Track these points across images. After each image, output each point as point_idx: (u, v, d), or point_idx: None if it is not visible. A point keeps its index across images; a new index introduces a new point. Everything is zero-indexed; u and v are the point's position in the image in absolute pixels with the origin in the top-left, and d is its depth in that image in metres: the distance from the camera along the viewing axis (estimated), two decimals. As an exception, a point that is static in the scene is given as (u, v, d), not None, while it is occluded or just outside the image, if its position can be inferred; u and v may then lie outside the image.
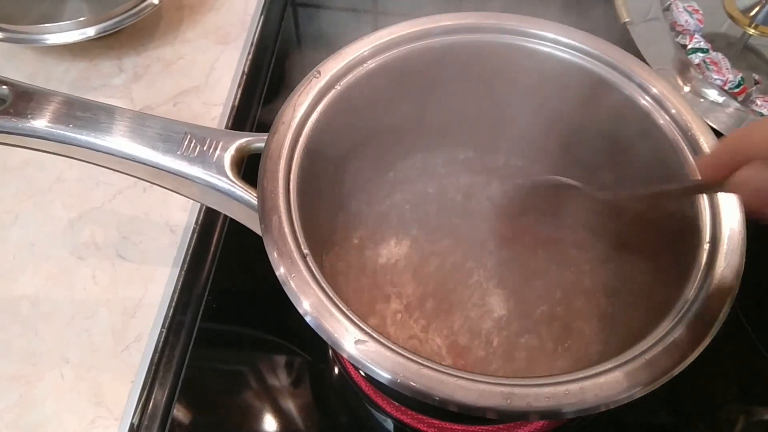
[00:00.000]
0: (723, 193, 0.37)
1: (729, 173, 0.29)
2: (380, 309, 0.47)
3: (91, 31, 0.63)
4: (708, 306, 0.32)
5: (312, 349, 0.50)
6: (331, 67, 0.42)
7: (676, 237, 0.38)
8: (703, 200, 0.37)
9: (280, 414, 0.47)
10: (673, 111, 0.40)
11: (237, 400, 0.47)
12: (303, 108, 0.40)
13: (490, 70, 0.46)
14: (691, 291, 0.34)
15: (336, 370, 0.49)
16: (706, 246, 0.35)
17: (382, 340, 0.31)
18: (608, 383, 0.30)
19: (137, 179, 0.42)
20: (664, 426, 0.48)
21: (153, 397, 0.47)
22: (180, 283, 0.52)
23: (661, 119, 0.40)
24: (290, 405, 0.47)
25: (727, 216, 0.36)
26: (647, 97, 0.41)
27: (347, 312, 0.32)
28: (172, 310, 0.51)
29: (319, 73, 0.42)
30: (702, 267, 0.34)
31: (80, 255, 0.54)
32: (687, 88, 0.57)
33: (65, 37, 0.63)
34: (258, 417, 0.47)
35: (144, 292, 0.52)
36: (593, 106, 0.44)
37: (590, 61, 0.43)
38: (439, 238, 0.51)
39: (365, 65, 0.43)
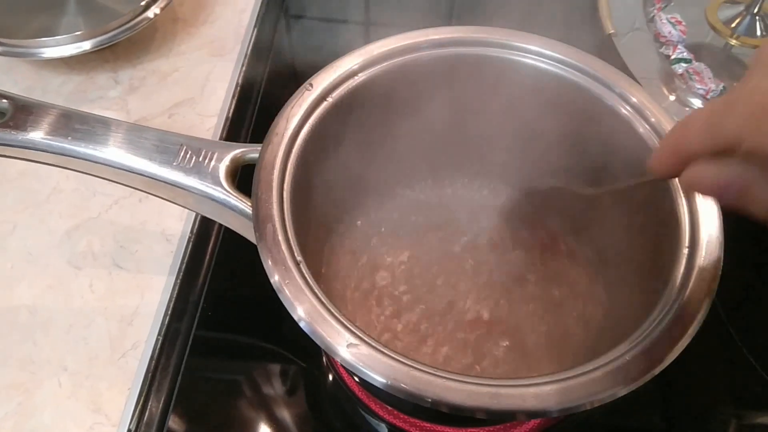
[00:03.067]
0: (701, 198, 0.38)
1: (681, 169, 0.28)
2: (373, 316, 0.48)
3: (87, 45, 0.64)
4: (687, 308, 0.33)
5: (306, 356, 0.50)
6: (323, 80, 0.43)
7: (657, 245, 0.40)
8: (683, 207, 0.38)
9: (275, 421, 0.47)
10: (653, 119, 0.41)
11: (232, 407, 0.48)
12: (296, 119, 0.41)
13: (477, 82, 0.47)
14: (671, 294, 0.35)
15: (330, 377, 0.50)
16: (685, 250, 0.36)
17: (373, 344, 0.32)
18: (591, 382, 0.31)
19: (133, 189, 0.43)
20: (656, 430, 0.49)
21: (149, 404, 0.47)
22: (176, 291, 0.52)
23: (641, 128, 0.42)
24: (285, 412, 0.48)
25: (705, 221, 0.37)
26: (627, 107, 0.42)
27: (340, 317, 0.33)
28: (168, 317, 0.51)
29: (311, 85, 0.43)
30: (681, 271, 0.35)
31: (77, 264, 0.54)
32: (672, 98, 0.59)
33: (62, 51, 0.63)
34: (253, 424, 0.47)
35: (140, 300, 0.53)
36: (575, 117, 0.45)
37: (573, 72, 0.44)
38: (433, 248, 0.52)
39: (356, 78, 0.44)
